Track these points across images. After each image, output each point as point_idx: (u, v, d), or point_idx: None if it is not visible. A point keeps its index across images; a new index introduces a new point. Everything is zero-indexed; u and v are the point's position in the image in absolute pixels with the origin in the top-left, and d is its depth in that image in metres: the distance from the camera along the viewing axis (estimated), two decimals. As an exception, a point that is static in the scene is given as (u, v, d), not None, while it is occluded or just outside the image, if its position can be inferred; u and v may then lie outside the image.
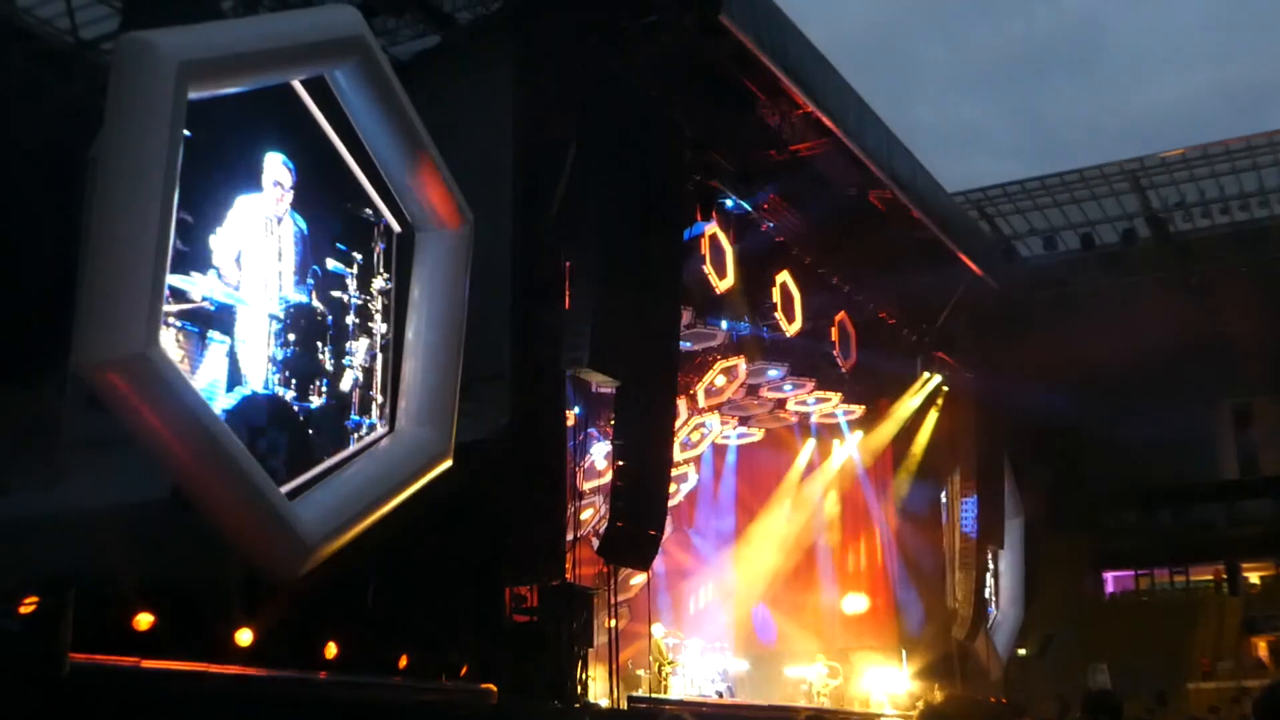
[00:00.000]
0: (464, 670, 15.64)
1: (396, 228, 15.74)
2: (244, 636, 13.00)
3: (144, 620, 12.15)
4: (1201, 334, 37.82)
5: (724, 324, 24.23)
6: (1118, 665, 32.89)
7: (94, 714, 9.68)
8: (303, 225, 14.47)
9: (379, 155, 15.17)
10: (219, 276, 13.12)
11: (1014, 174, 37.68)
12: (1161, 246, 37.72)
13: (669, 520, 22.16)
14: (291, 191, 14.28)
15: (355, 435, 15.02)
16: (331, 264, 14.93)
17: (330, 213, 15.04)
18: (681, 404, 23.93)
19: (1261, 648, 38.28)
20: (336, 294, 14.95)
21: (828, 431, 30.67)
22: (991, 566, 34.30)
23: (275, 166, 14.12)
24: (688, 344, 23.32)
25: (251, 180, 13.78)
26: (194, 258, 12.71)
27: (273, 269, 14.04)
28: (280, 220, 14.19)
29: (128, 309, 11.29)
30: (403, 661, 14.96)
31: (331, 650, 14.05)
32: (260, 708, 11.91)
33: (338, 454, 14.65)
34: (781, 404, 28.11)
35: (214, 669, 12.38)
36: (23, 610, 10.52)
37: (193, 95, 12.16)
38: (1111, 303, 36.65)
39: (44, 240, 11.51)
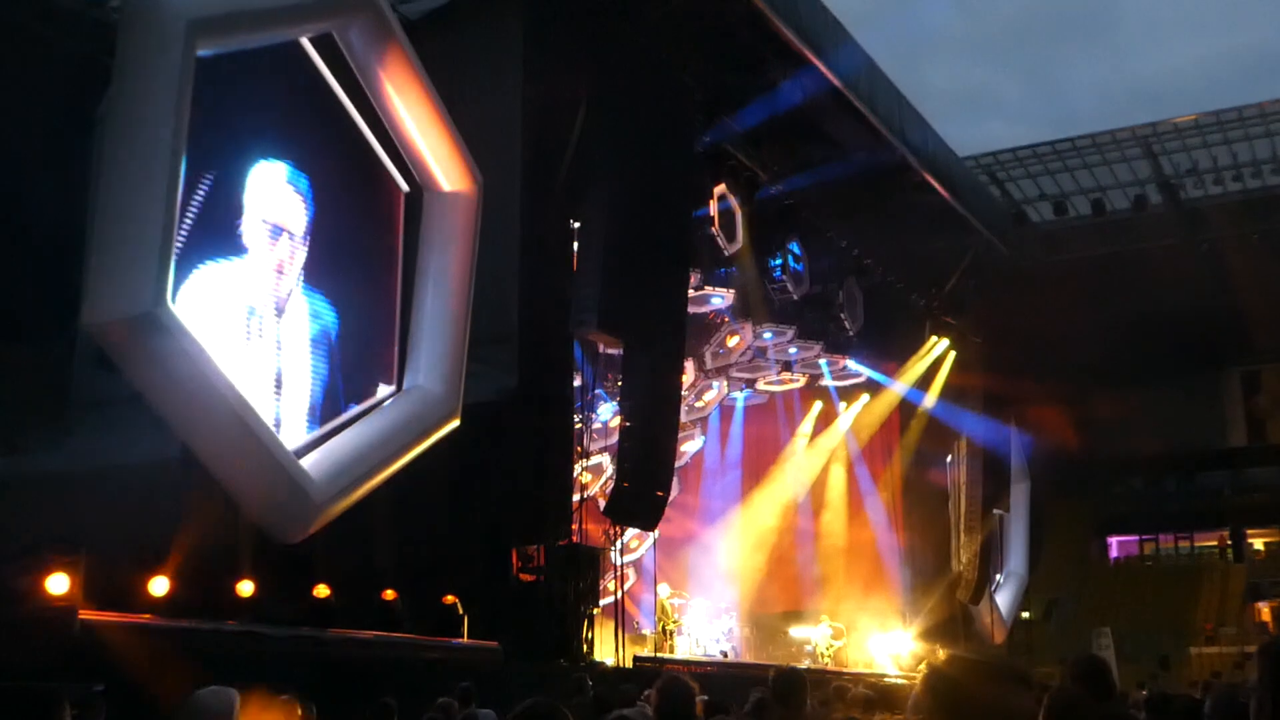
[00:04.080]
0: (450, 600, 15.70)
1: (405, 188, 15.72)
2: (250, 591, 13.09)
3: (153, 577, 12.23)
4: (1211, 301, 37.72)
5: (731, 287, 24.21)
6: (1121, 630, 33.09)
7: (104, 670, 9.74)
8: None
9: (388, 115, 15.11)
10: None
11: (1025, 138, 37.50)
12: (1173, 213, 37.55)
13: (675, 481, 22.19)
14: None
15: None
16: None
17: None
18: (689, 366, 23.94)
19: (1265, 613, 38.38)
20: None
21: (835, 395, 30.65)
22: (997, 530, 34.34)
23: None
24: (695, 306, 23.28)
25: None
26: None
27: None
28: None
29: (136, 267, 11.29)
30: (390, 594, 14.99)
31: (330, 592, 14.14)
32: (268, 664, 11.97)
33: (346, 412, 14.71)
34: (789, 367, 28.11)
35: (224, 626, 12.47)
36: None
37: (201, 52, 12.12)
38: (1121, 269, 36.55)
39: (53, 199, 11.50)
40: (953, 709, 3.22)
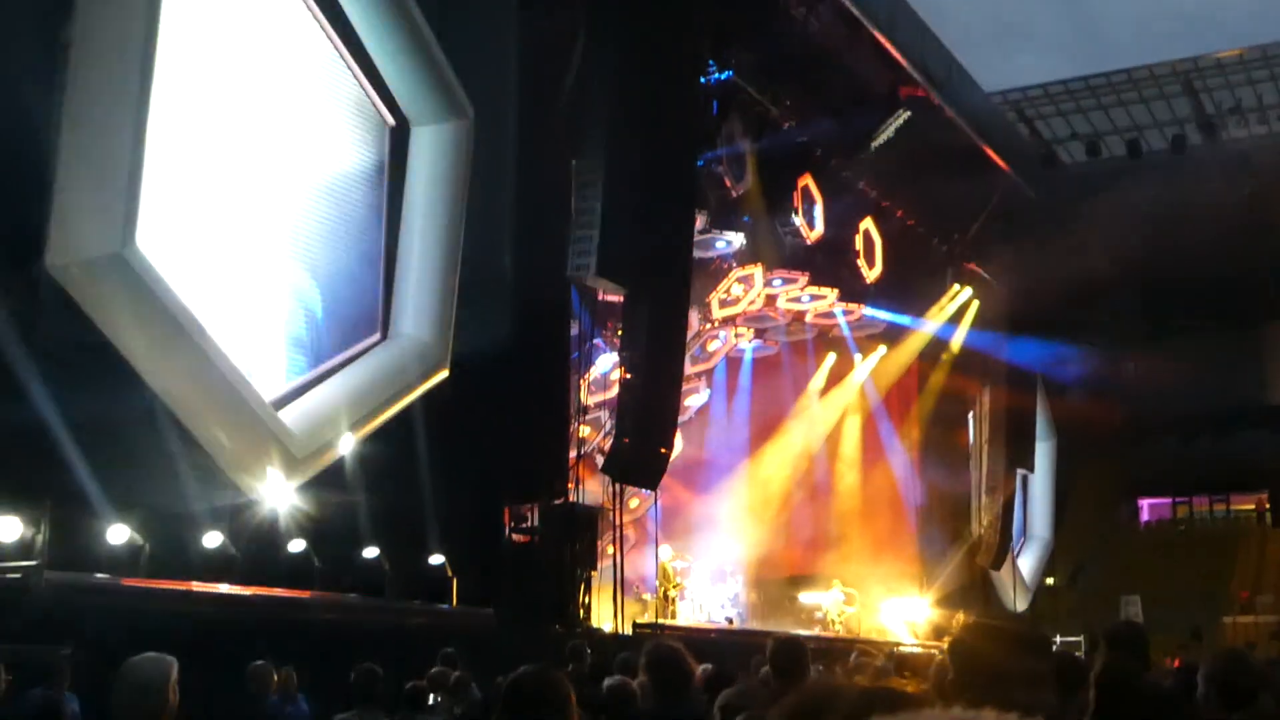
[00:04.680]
0: (437, 562, 15.77)
1: (392, 121, 15.65)
2: (223, 550, 13.14)
3: (122, 536, 12.26)
4: (1253, 250, 37.55)
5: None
6: (1151, 597, 33.16)
7: (71, 632, 9.80)
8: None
9: (373, 45, 15.03)
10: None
11: (1057, 73, 37.20)
12: (1213, 154, 37.32)
13: (679, 437, 22.22)
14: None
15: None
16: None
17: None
18: (693, 315, 23.89)
19: (1304, 581, 38.48)
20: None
21: (852, 345, 30.59)
22: (1020, 491, 34.44)
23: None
24: (701, 251, 23.21)
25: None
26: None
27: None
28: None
29: (104, 206, 11.28)
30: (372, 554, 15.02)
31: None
32: (247, 629, 12.04)
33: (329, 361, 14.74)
34: (800, 316, 28.05)
35: (198, 588, 12.50)
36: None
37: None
38: (1157, 215, 36.33)
39: (15, 132, 11.44)
40: (971, 675, 3.27)
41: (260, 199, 14.21)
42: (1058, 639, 27.26)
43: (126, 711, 4.40)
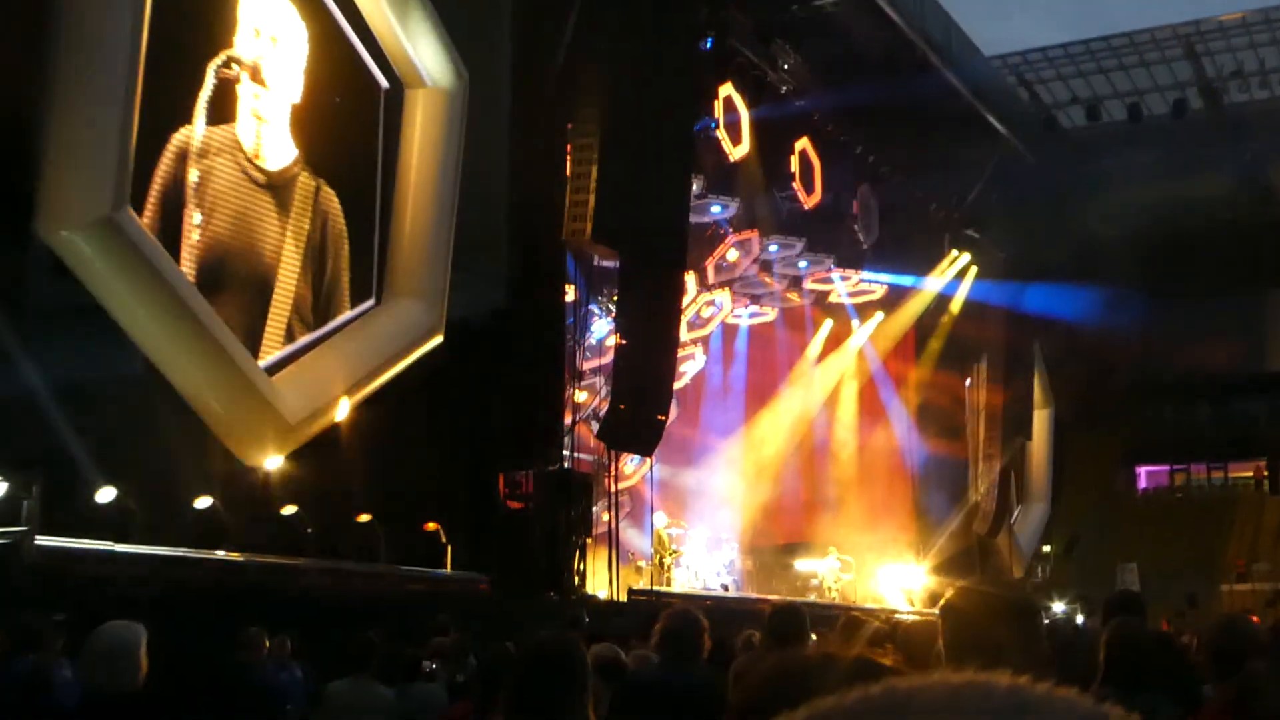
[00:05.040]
0: (431, 528, 15.76)
1: (385, 84, 15.58)
2: (216, 514, 13.13)
3: (114, 498, 12.24)
4: (1254, 215, 37.51)
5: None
6: (1148, 565, 33.29)
7: (62, 598, 9.80)
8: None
9: (367, 6, 14.95)
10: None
11: (1057, 37, 37.05)
12: (1215, 119, 37.23)
13: (674, 404, 22.21)
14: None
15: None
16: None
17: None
18: (690, 280, 23.84)
19: (1301, 549, 38.54)
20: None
21: (846, 311, 30.57)
22: (1017, 459, 34.49)
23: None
24: (696, 216, 23.15)
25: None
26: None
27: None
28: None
29: (95, 168, 11.23)
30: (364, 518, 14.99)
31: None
32: (239, 595, 12.05)
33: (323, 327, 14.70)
34: (798, 281, 28.02)
35: (192, 555, 12.50)
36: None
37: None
38: (1158, 180, 36.29)
39: (3, 98, 11.39)
40: (959, 641, 3.27)
41: (253, 163, 14.14)
42: (1055, 607, 27.46)
43: (97, 678, 4.41)
